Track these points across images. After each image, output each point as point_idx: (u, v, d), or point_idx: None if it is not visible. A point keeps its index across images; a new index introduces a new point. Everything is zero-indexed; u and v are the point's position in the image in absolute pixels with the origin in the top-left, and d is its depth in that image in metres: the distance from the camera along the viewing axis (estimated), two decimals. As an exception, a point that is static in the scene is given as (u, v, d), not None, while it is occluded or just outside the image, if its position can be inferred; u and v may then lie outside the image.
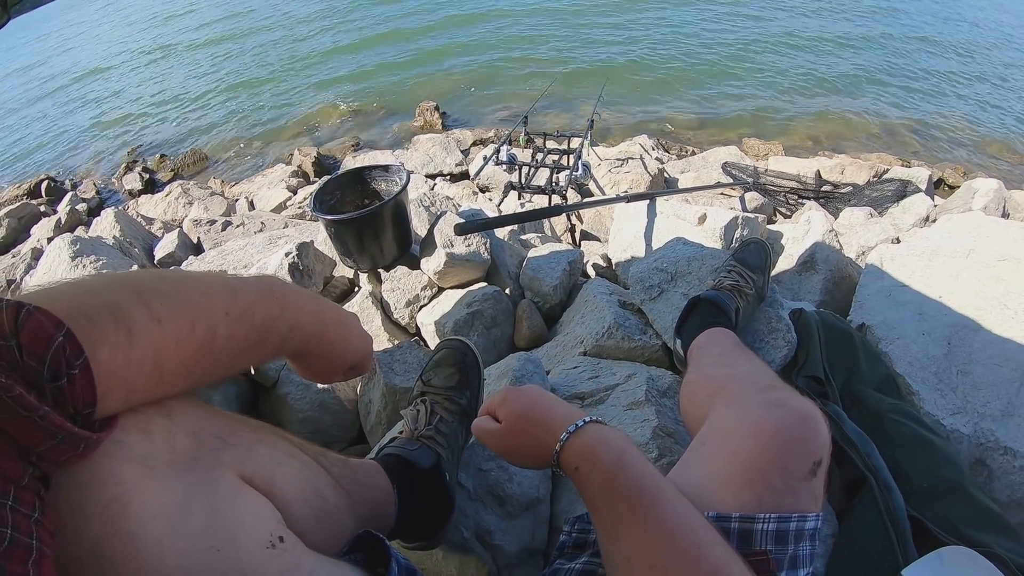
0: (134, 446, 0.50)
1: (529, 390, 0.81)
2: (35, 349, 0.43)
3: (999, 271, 1.67)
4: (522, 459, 0.80)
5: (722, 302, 1.29)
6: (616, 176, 4.14)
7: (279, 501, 0.62)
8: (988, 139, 6.54)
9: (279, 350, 0.70)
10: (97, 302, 0.49)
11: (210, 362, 0.59)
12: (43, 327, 0.43)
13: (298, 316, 0.70)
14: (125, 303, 0.51)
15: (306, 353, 0.75)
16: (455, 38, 10.18)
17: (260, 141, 7.68)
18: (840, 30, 9.72)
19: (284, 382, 1.64)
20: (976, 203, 3.04)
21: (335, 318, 0.77)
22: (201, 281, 0.61)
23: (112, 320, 0.49)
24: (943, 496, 1.15)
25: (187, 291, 0.57)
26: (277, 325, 0.67)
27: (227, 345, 0.60)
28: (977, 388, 1.45)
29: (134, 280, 0.55)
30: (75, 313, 0.46)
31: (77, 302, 0.48)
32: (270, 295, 0.66)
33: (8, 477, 0.41)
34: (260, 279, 0.68)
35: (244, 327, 0.62)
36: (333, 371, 0.80)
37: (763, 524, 0.70)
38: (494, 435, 0.80)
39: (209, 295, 0.59)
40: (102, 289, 0.52)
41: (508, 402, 0.80)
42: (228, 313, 0.60)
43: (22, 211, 5.80)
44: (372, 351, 0.86)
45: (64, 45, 14.07)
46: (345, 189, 1.95)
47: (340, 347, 0.77)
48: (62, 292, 0.49)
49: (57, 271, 2.42)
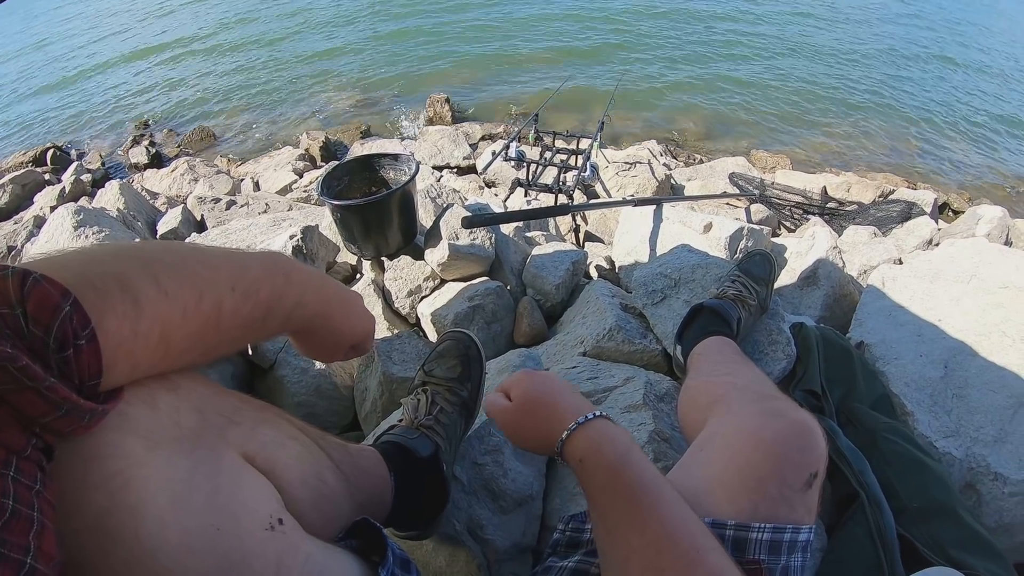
0: (139, 420, 0.50)
1: (545, 375, 0.81)
2: (41, 318, 0.42)
3: (1000, 298, 1.67)
4: (526, 441, 0.80)
5: (724, 311, 1.30)
6: (623, 179, 4.13)
7: (280, 482, 0.62)
8: (996, 167, 6.55)
9: (283, 327, 0.70)
10: (104, 272, 0.49)
11: (215, 336, 0.59)
12: (49, 296, 0.43)
13: (303, 293, 0.70)
14: (132, 274, 0.50)
15: (309, 331, 0.75)
16: (472, 34, 10.16)
17: (268, 122, 7.63)
18: (856, 48, 9.72)
19: (281, 364, 1.64)
20: (980, 229, 3.05)
21: (339, 297, 0.77)
22: (208, 255, 0.61)
23: (119, 291, 0.48)
24: (933, 517, 1.16)
25: (194, 264, 0.57)
26: (282, 301, 0.67)
27: (233, 320, 0.60)
28: (971, 412, 1.46)
29: (141, 251, 0.55)
30: (82, 283, 0.46)
31: (84, 271, 0.47)
32: (276, 271, 0.66)
33: (10, 447, 0.41)
34: (267, 255, 0.68)
35: (250, 302, 0.62)
36: (335, 349, 0.80)
37: (758, 533, 0.71)
38: (503, 412, 0.81)
39: (216, 269, 0.59)
40: (109, 259, 0.51)
41: (522, 383, 0.81)
42: (234, 288, 0.60)
43: (26, 178, 5.77)
44: (374, 331, 0.86)
45: (77, 20, 13.99)
46: (353, 175, 1.95)
47: (343, 325, 0.78)
48: (69, 261, 0.49)
49: (59, 240, 2.41)
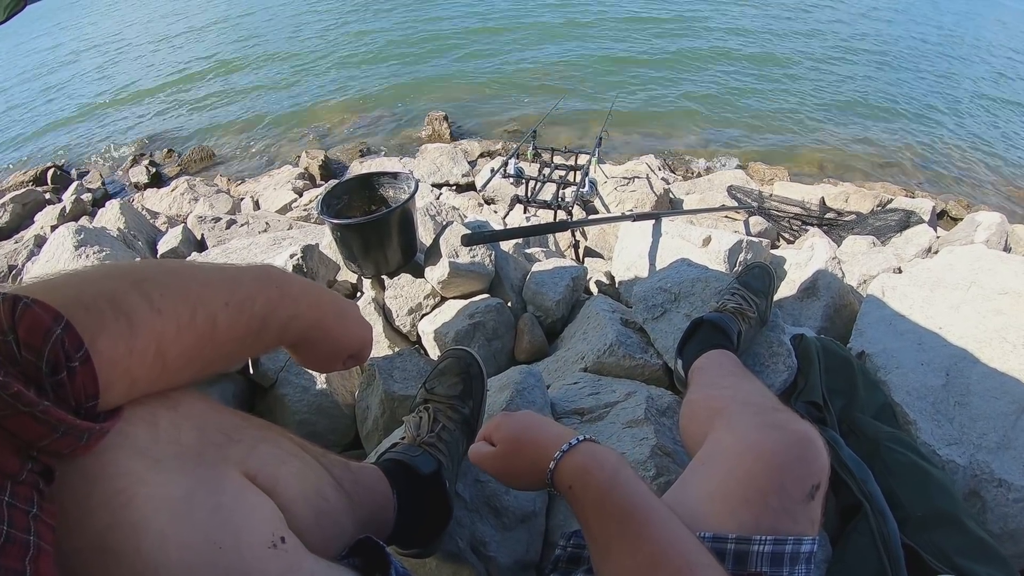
0: (140, 438, 0.51)
1: (522, 414, 0.83)
2: (32, 343, 0.43)
3: (1000, 304, 1.68)
4: (518, 481, 0.80)
5: (724, 324, 1.30)
6: (622, 194, 4.15)
7: (281, 500, 0.62)
8: (993, 173, 6.58)
9: (279, 339, 0.71)
10: (96, 292, 0.49)
11: (212, 351, 0.59)
12: (40, 320, 0.43)
13: (297, 305, 0.70)
14: (124, 293, 0.51)
15: (306, 342, 0.76)
16: (469, 49, 10.25)
17: (268, 141, 7.69)
18: (851, 57, 9.81)
19: (282, 383, 1.63)
20: (978, 236, 3.06)
21: (334, 307, 0.78)
22: (201, 270, 0.62)
23: (112, 310, 0.49)
24: (937, 525, 1.16)
25: (186, 281, 0.58)
26: (277, 314, 0.67)
27: (228, 334, 0.61)
28: (974, 420, 1.45)
29: (133, 270, 0.55)
30: (73, 304, 0.46)
31: (75, 293, 0.48)
32: (269, 284, 0.67)
33: (4, 472, 0.41)
34: (260, 268, 0.68)
35: (244, 316, 0.62)
36: (333, 360, 0.81)
37: (759, 545, 0.71)
38: (490, 458, 0.81)
39: (209, 284, 0.60)
40: (101, 279, 0.52)
41: (502, 426, 0.82)
42: (228, 302, 0.60)
43: (27, 197, 5.81)
44: (371, 340, 0.87)
45: (80, 35, 14.13)
46: (353, 194, 1.96)
47: (340, 335, 0.78)
48: (60, 284, 0.49)
49: (60, 260, 2.42)
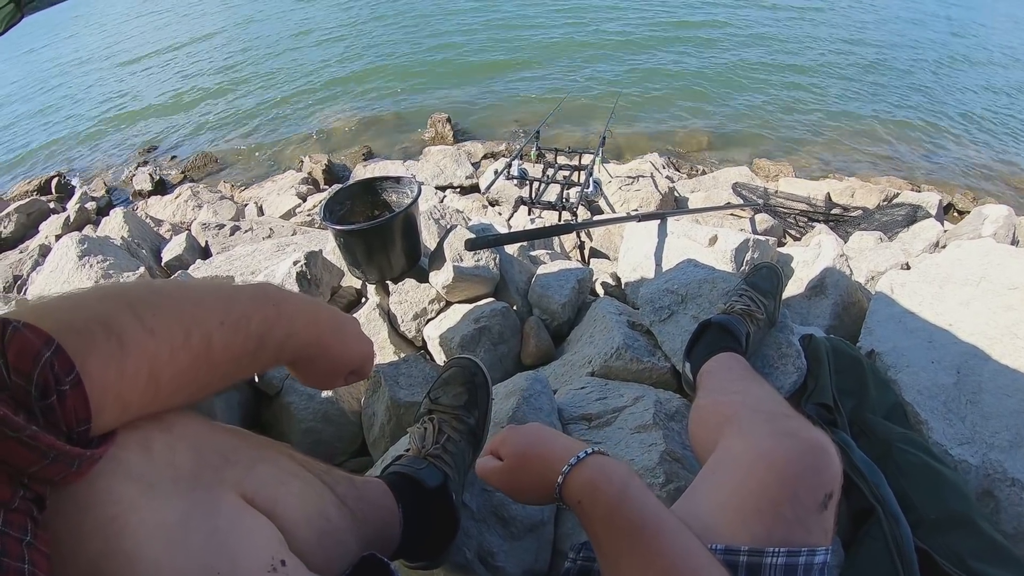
0: (133, 463, 0.50)
1: (529, 427, 0.82)
2: (22, 367, 0.42)
3: (1010, 300, 1.65)
4: (525, 495, 0.80)
5: (732, 326, 1.28)
6: (627, 194, 4.14)
7: (281, 522, 0.61)
8: (999, 165, 6.53)
9: (277, 358, 0.70)
10: (87, 315, 0.49)
11: (207, 372, 0.59)
12: (30, 344, 0.43)
13: (294, 323, 0.69)
14: (115, 315, 0.50)
15: (304, 359, 0.75)
16: (470, 51, 10.26)
17: (271, 146, 7.71)
18: (855, 51, 9.76)
19: (288, 391, 1.63)
20: (986, 229, 3.03)
21: (333, 323, 0.77)
22: (194, 290, 0.61)
23: (103, 332, 0.48)
24: (951, 527, 1.14)
25: (180, 301, 0.57)
26: (273, 332, 0.66)
27: (224, 354, 0.60)
28: (986, 418, 1.43)
29: (125, 292, 0.55)
30: (64, 328, 0.46)
31: (66, 316, 0.47)
32: (265, 302, 0.66)
33: None
34: (255, 287, 0.67)
35: (240, 335, 0.61)
36: (333, 377, 0.80)
37: (772, 558, 0.69)
38: (497, 473, 0.81)
39: (203, 304, 0.59)
40: (93, 302, 0.51)
41: (508, 440, 0.81)
42: (223, 322, 0.60)
43: (31, 207, 5.85)
44: (372, 355, 0.86)
45: (79, 43, 14.22)
46: (356, 199, 1.95)
47: (339, 352, 0.77)
48: (52, 307, 0.49)
49: (64, 269, 2.43)
